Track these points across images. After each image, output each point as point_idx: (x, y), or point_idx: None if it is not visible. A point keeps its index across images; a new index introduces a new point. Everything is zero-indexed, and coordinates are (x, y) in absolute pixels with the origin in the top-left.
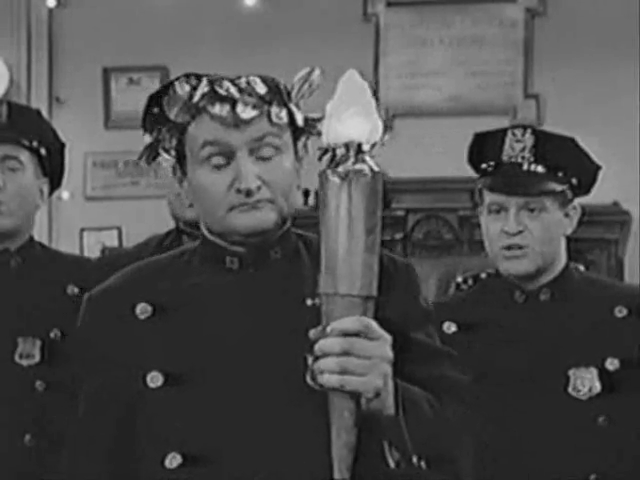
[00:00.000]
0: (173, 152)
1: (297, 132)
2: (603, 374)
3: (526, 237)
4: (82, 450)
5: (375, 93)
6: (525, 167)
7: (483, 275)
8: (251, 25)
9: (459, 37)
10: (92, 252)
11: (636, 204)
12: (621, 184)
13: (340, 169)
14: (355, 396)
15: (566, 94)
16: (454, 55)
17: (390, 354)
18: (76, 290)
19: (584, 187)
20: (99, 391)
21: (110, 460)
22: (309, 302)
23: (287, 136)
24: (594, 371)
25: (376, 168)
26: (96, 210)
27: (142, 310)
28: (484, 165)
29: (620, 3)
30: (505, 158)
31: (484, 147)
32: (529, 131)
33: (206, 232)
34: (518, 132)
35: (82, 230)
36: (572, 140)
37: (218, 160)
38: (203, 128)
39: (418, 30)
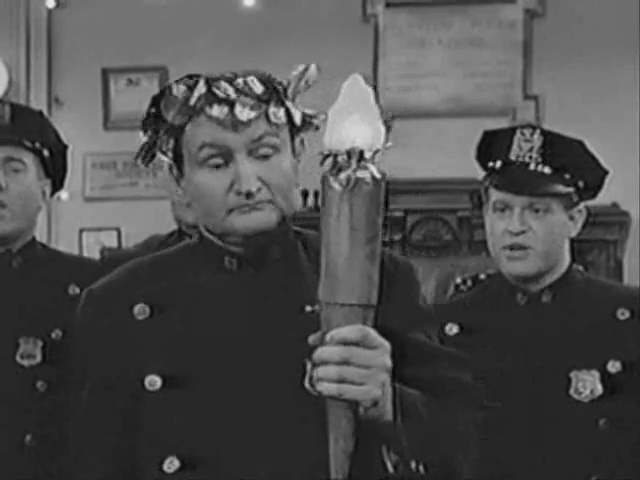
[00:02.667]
0: (170, 153)
1: (294, 130)
2: (605, 376)
3: (529, 237)
4: (89, 448)
5: (374, 93)
6: (532, 167)
7: (482, 276)
8: (250, 26)
9: (458, 38)
10: (91, 253)
11: (635, 205)
12: (620, 185)
13: (342, 176)
14: (353, 405)
15: (565, 95)
16: (453, 56)
17: (389, 363)
18: (77, 290)
19: (590, 190)
20: (102, 389)
21: (116, 458)
22: (308, 308)
23: (285, 134)
24: (596, 373)
25: (378, 175)
26: (95, 211)
27: (140, 311)
28: (491, 163)
29: (619, 4)
30: (513, 157)
31: (492, 145)
32: (538, 131)
33: (204, 232)
34: (527, 132)
35: (81, 231)
36: (580, 143)
37: (216, 161)
38: (201, 129)
39: (417, 31)
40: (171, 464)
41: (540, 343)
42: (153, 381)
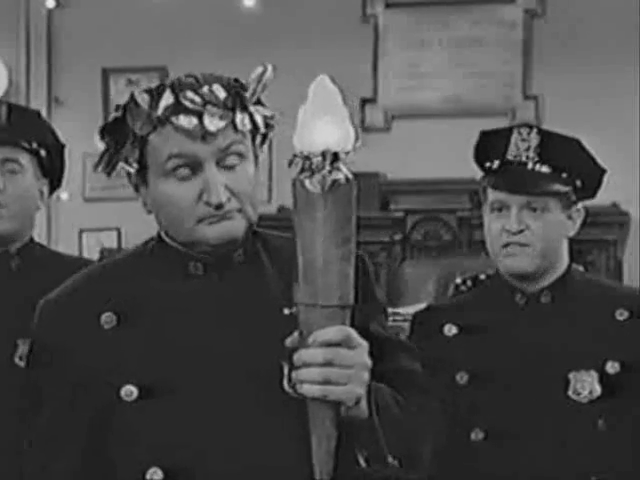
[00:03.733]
0: (134, 163)
1: (257, 135)
2: (603, 377)
3: (527, 236)
4: (54, 449)
5: (374, 94)
6: (529, 166)
7: (482, 276)
8: (250, 26)
9: (458, 38)
10: (91, 253)
11: (635, 205)
12: (620, 185)
13: (317, 178)
14: (336, 405)
15: (565, 95)
16: (453, 56)
17: (368, 361)
18: None
19: (588, 190)
20: (68, 396)
21: (84, 459)
22: (286, 311)
23: (248, 141)
24: (594, 374)
25: (350, 176)
26: (95, 211)
27: (107, 320)
28: (489, 163)
29: (619, 4)
30: (510, 157)
31: (489, 145)
32: (535, 131)
33: (167, 239)
34: (524, 131)
35: (81, 231)
36: (578, 142)
37: (184, 172)
38: (168, 140)
39: (417, 31)
40: (154, 474)
41: (539, 344)
42: (129, 391)
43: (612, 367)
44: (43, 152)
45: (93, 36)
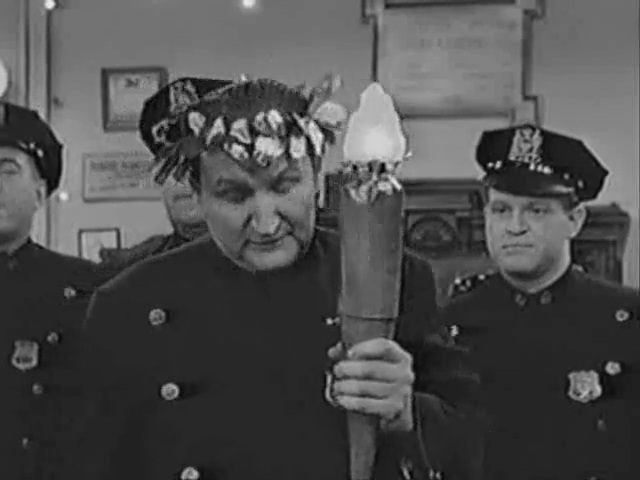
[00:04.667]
0: (187, 174)
1: (315, 158)
2: (604, 378)
3: (529, 237)
4: (85, 450)
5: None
6: (532, 168)
7: (482, 277)
8: (249, 27)
9: (457, 39)
10: (90, 254)
11: (635, 206)
12: (620, 186)
13: (363, 188)
14: (375, 418)
15: (564, 96)
16: (452, 57)
17: (411, 375)
18: (74, 292)
19: (590, 191)
20: (108, 391)
21: (113, 462)
22: (329, 321)
23: (305, 164)
24: (594, 375)
25: (399, 187)
26: (95, 211)
27: (156, 316)
28: (491, 164)
29: (618, 5)
30: (512, 158)
31: (492, 146)
32: (537, 132)
33: (219, 243)
34: (526, 132)
35: (80, 231)
36: (580, 143)
37: (235, 195)
38: (219, 164)
39: (416, 32)
40: (189, 475)
41: (539, 344)
42: (170, 390)
43: (612, 368)
44: (41, 153)
45: (92, 37)
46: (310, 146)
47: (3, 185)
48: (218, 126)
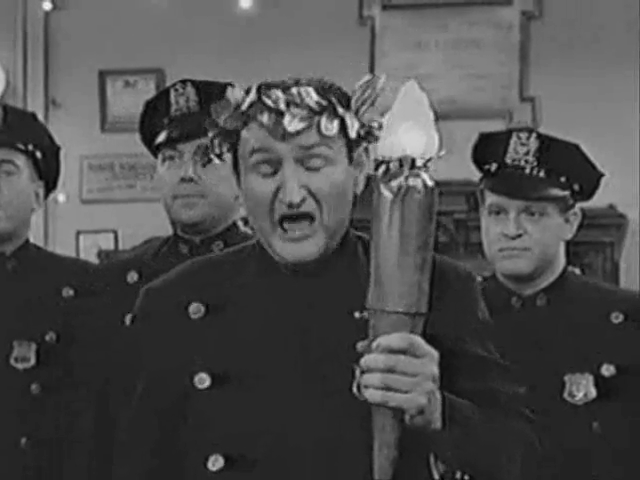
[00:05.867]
0: (226, 156)
1: (351, 142)
2: (599, 380)
3: (525, 240)
4: (129, 446)
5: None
6: (528, 171)
7: (479, 278)
8: (247, 28)
9: (455, 40)
10: (88, 255)
11: (632, 207)
12: (617, 187)
13: (393, 184)
14: (398, 412)
15: (562, 97)
16: (450, 58)
17: (436, 372)
18: (71, 293)
19: (585, 193)
20: (152, 385)
21: (154, 456)
22: (357, 315)
23: (339, 146)
24: (590, 377)
25: (430, 183)
26: (92, 213)
27: (195, 310)
28: (487, 165)
29: (616, 6)
30: (508, 160)
31: (488, 148)
32: (534, 135)
33: (260, 237)
34: (523, 135)
35: (78, 233)
36: (576, 146)
37: (266, 168)
38: (252, 135)
39: (414, 33)
40: (216, 462)
41: (534, 346)
42: (202, 379)
43: (607, 370)
44: (39, 154)
45: (90, 38)
46: (344, 128)
47: (1, 186)
48: (252, 94)
